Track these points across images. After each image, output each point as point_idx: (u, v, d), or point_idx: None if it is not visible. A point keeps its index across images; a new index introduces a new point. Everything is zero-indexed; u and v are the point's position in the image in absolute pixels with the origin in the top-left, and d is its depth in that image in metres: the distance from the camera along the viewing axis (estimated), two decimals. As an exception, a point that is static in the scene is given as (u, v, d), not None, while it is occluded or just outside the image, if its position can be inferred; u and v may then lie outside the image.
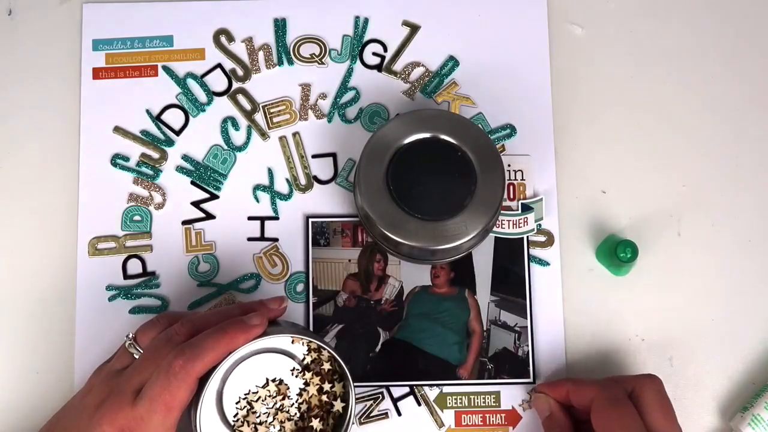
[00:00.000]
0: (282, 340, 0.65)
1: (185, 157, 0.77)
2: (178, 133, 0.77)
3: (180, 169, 0.77)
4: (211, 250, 0.75)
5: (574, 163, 0.77)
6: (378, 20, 0.79)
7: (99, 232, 0.75)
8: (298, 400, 0.65)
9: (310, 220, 0.76)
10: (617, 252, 0.71)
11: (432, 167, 0.70)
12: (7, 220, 0.76)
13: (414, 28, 0.79)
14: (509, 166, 0.76)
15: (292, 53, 0.78)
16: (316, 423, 0.64)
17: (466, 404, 0.74)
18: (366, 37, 0.79)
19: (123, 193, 0.76)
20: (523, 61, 0.78)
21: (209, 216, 0.76)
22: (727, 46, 0.79)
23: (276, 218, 0.76)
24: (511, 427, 0.73)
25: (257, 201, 0.76)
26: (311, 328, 0.74)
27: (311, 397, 0.65)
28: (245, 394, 0.64)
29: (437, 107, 0.78)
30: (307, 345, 0.65)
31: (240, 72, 0.78)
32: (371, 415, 0.73)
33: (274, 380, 0.64)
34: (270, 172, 0.77)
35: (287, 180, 0.76)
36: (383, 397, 0.74)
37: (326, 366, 0.65)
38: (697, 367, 0.74)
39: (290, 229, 0.76)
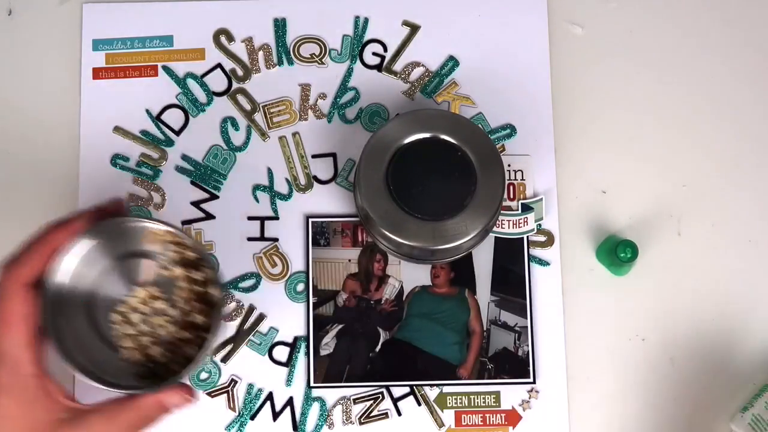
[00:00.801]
0: (137, 242, 0.63)
1: (185, 157, 0.77)
2: (177, 133, 0.77)
3: (180, 169, 0.77)
4: (211, 249, 0.75)
5: (574, 163, 0.77)
6: (378, 20, 0.79)
7: (99, 232, 0.75)
8: (173, 298, 0.63)
9: (310, 220, 0.76)
10: (617, 252, 0.71)
11: (432, 167, 0.70)
12: (7, 221, 0.75)
13: (414, 28, 0.79)
14: (509, 166, 0.76)
15: (292, 53, 0.78)
16: (198, 317, 0.63)
17: (466, 404, 0.74)
18: (366, 37, 0.79)
19: (123, 193, 0.76)
20: (523, 61, 0.78)
21: (209, 216, 0.76)
22: (727, 46, 0.79)
23: (276, 218, 0.76)
24: (511, 426, 0.73)
25: (257, 201, 0.76)
26: (311, 328, 0.74)
27: (184, 290, 0.63)
28: (116, 308, 0.62)
29: (437, 107, 0.78)
30: (163, 238, 0.63)
31: (240, 72, 0.78)
32: (371, 415, 0.73)
33: (140, 284, 0.63)
34: (270, 172, 0.77)
35: (287, 180, 0.76)
36: (383, 397, 0.74)
37: (189, 254, 0.63)
38: (697, 367, 0.74)
39: (290, 229, 0.76)
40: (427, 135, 0.71)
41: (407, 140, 0.71)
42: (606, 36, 0.79)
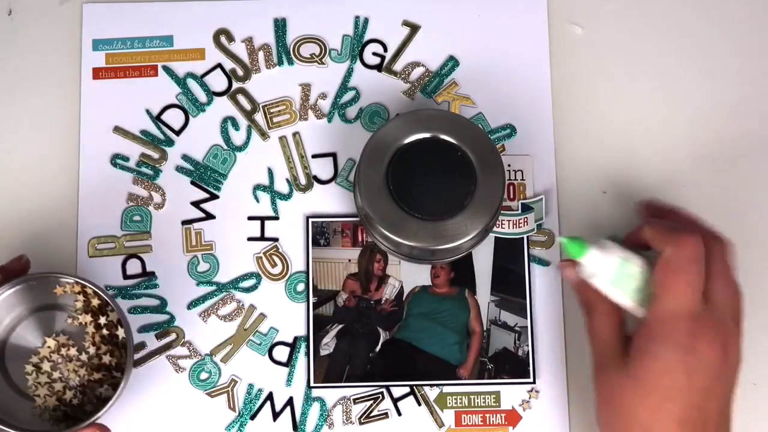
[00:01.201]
0: (45, 295, 0.68)
1: (185, 157, 0.77)
2: (178, 133, 0.77)
3: (180, 169, 0.77)
4: (211, 249, 0.75)
5: (574, 163, 0.77)
6: (378, 20, 0.79)
7: (98, 232, 0.75)
8: (83, 344, 0.68)
9: (310, 220, 0.76)
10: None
11: (432, 167, 0.70)
12: (7, 220, 0.75)
13: (414, 28, 0.79)
14: (509, 166, 0.76)
15: (292, 53, 0.78)
16: (106, 358, 0.68)
17: (466, 404, 0.74)
18: (366, 37, 0.79)
19: (123, 193, 0.76)
20: (523, 61, 0.78)
21: (209, 216, 0.76)
22: (727, 45, 0.79)
23: (276, 218, 0.76)
24: (511, 427, 0.73)
25: (257, 201, 0.76)
26: (311, 328, 0.74)
27: (93, 335, 0.68)
28: (29, 360, 0.67)
29: (437, 107, 0.78)
30: (71, 289, 0.68)
31: (240, 72, 0.78)
32: (371, 415, 0.73)
33: (51, 335, 0.68)
34: (270, 172, 0.77)
35: (287, 180, 0.76)
36: (383, 397, 0.74)
37: (95, 301, 0.68)
38: None
39: (290, 229, 0.76)
40: (427, 135, 0.71)
41: (407, 140, 0.71)
42: (606, 36, 0.79)
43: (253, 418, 0.74)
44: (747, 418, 0.73)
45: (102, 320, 0.68)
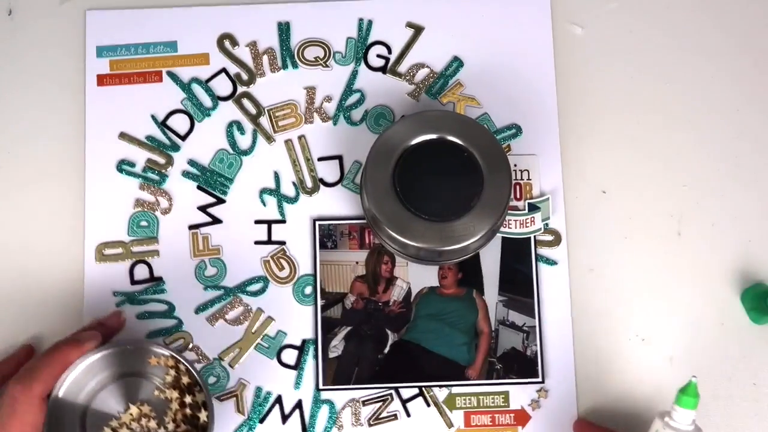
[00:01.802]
0: (138, 362, 0.68)
1: (191, 162, 0.77)
2: (183, 138, 0.77)
3: (186, 174, 0.77)
4: (218, 254, 0.75)
5: (575, 163, 0.77)
6: (382, 22, 0.79)
7: (106, 237, 0.75)
8: (164, 419, 0.67)
9: (317, 222, 0.76)
10: (767, 301, 0.71)
11: (438, 168, 0.70)
12: (14, 226, 0.76)
13: (418, 30, 0.79)
14: (515, 165, 0.76)
15: (296, 57, 0.78)
16: None
17: (475, 404, 0.74)
18: (370, 39, 0.79)
19: (129, 198, 0.76)
20: (527, 60, 0.78)
21: (216, 220, 0.76)
22: (727, 45, 0.79)
23: (283, 221, 0.76)
24: (520, 426, 0.73)
25: (264, 204, 0.76)
26: (319, 331, 0.74)
27: (176, 412, 0.67)
28: (109, 423, 0.67)
29: (442, 108, 0.78)
30: (164, 362, 0.67)
31: (245, 76, 0.78)
32: (381, 416, 0.73)
33: (135, 403, 0.67)
34: (276, 175, 0.77)
35: (293, 183, 0.76)
36: (392, 399, 0.74)
37: (185, 379, 0.67)
38: (698, 368, 0.74)
39: (297, 232, 0.76)
40: (433, 136, 0.71)
41: (413, 141, 0.71)
42: (606, 36, 0.79)
43: (262, 421, 0.74)
44: (747, 418, 0.73)
45: (188, 399, 0.67)
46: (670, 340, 0.75)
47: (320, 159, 0.77)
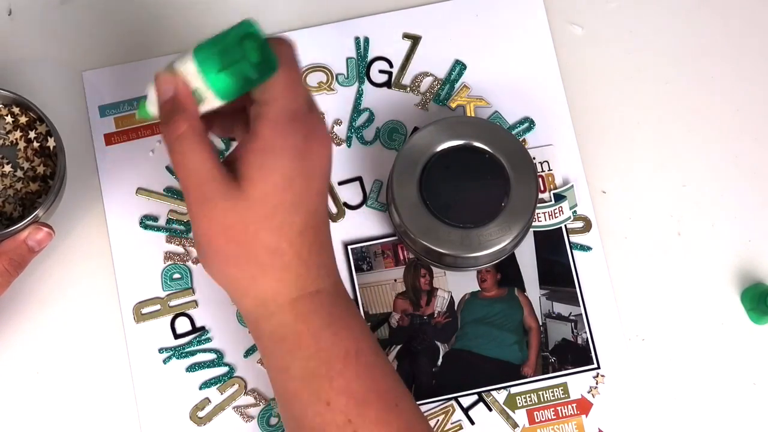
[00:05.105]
0: None
1: (213, 207, 0.76)
2: (201, 184, 0.76)
3: (210, 220, 0.76)
4: (255, 294, 0.75)
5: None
6: (378, 37, 0.79)
7: (141, 296, 0.74)
8: (17, 161, 0.71)
9: (349, 247, 0.75)
10: (766, 301, 0.71)
11: (463, 174, 0.71)
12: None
13: (415, 40, 0.79)
14: (534, 158, 0.76)
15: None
16: (40, 169, 0.71)
17: (536, 401, 0.74)
18: (370, 56, 0.78)
19: (158, 253, 0.75)
20: (529, 53, 0.78)
21: (248, 261, 0.75)
22: (727, 45, 0.79)
23: (315, 251, 0.75)
24: (584, 415, 0.74)
25: (293, 237, 0.76)
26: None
27: (25, 150, 0.71)
28: None
29: (453, 114, 0.78)
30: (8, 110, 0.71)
31: (251, 112, 0.78)
32: (446, 429, 0.73)
33: None
34: (300, 206, 0.76)
35: (319, 211, 0.76)
36: (454, 409, 0.74)
37: (22, 119, 0.71)
38: (698, 367, 0.74)
39: (333, 260, 0.75)
40: (452, 143, 0.71)
41: (434, 151, 0.71)
42: (606, 36, 0.79)
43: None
44: (747, 418, 0.73)
45: (32, 134, 0.71)
46: (670, 340, 0.75)
47: (340, 183, 0.77)
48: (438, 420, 0.73)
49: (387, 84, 0.78)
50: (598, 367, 0.74)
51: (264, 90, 0.57)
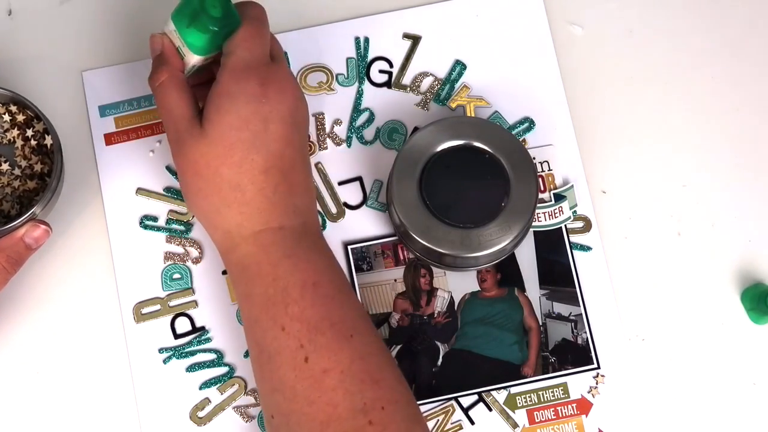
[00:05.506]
0: None
1: (213, 207, 0.76)
2: (201, 184, 0.76)
3: (210, 220, 0.76)
4: (255, 294, 0.75)
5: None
6: (378, 37, 0.79)
7: (141, 296, 0.74)
8: (15, 159, 0.72)
9: (349, 247, 0.75)
10: (766, 301, 0.71)
11: (463, 174, 0.71)
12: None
13: (415, 40, 0.79)
14: (534, 158, 0.76)
15: (299, 85, 0.78)
16: (37, 167, 0.72)
17: (536, 401, 0.74)
18: (370, 56, 0.78)
19: (158, 253, 0.75)
20: (528, 54, 0.78)
21: (248, 261, 0.75)
22: (727, 45, 0.79)
23: (315, 251, 0.75)
24: (584, 415, 0.74)
25: (293, 237, 0.76)
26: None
27: (23, 148, 0.72)
28: None
29: (453, 114, 0.77)
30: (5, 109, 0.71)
31: (251, 112, 0.77)
32: (445, 429, 0.73)
33: None
34: (300, 206, 0.76)
35: (319, 211, 0.76)
36: (454, 409, 0.74)
37: (20, 117, 0.72)
38: (698, 367, 0.74)
39: (333, 260, 0.75)
40: (451, 143, 0.71)
41: (433, 151, 0.71)
42: (606, 36, 0.79)
43: (328, 453, 0.73)
44: (747, 418, 0.74)
45: (29, 132, 0.71)
46: (670, 340, 0.75)
47: (340, 183, 0.77)
48: (438, 420, 0.73)
49: (387, 84, 0.78)
50: (598, 367, 0.74)
51: (228, 43, 0.65)
